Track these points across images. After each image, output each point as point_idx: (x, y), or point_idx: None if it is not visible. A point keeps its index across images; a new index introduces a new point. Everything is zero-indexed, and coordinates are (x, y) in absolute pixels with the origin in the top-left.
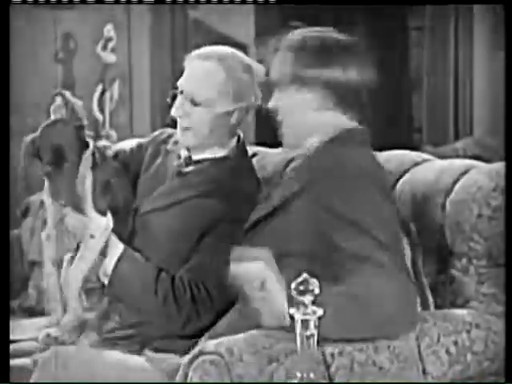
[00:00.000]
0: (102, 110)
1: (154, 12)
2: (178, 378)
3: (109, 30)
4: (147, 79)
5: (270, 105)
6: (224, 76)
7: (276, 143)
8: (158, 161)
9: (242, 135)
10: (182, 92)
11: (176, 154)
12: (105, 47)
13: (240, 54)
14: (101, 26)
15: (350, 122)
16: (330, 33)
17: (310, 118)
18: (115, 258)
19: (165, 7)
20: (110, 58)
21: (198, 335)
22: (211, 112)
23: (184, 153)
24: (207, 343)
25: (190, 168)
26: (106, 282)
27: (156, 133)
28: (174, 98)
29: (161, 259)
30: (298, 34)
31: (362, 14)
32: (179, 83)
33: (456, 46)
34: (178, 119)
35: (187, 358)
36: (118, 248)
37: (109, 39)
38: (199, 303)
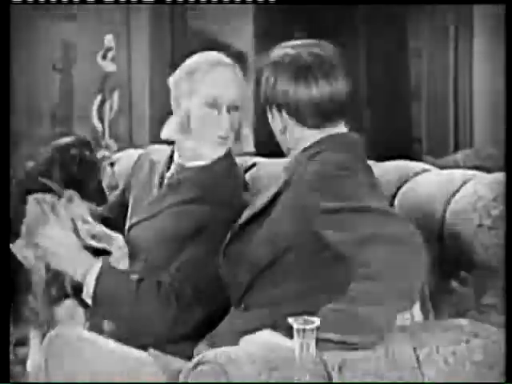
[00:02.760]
0: (101, 120)
1: (154, 21)
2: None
3: (109, 39)
4: (147, 89)
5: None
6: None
7: (275, 153)
8: (144, 172)
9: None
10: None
11: (161, 164)
12: (105, 57)
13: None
14: (101, 35)
15: (321, 134)
16: (306, 47)
17: (284, 138)
18: (94, 276)
19: (164, 16)
20: (109, 67)
21: (188, 336)
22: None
23: (177, 161)
24: (206, 353)
25: (180, 176)
26: (90, 302)
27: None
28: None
29: (150, 267)
30: (272, 53)
31: (361, 16)
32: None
33: (456, 55)
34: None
35: (186, 367)
36: (95, 265)
37: (109, 48)
38: (186, 302)
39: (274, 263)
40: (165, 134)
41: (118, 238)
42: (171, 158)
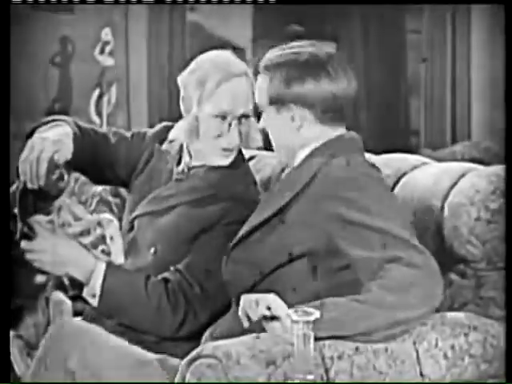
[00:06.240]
0: (99, 114)
1: (152, 15)
2: (176, 381)
3: (106, 33)
4: (145, 82)
5: (260, 127)
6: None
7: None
8: (152, 162)
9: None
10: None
11: (171, 156)
12: (102, 50)
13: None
14: (98, 29)
15: (335, 131)
16: (305, 47)
17: (295, 136)
18: (101, 277)
19: (163, 10)
20: (107, 61)
21: (193, 337)
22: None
23: (186, 159)
24: (205, 346)
25: (191, 172)
26: (96, 302)
27: (156, 129)
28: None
29: (160, 262)
30: (272, 54)
31: (360, 16)
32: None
33: (453, 48)
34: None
35: (185, 360)
36: (100, 266)
37: (106, 42)
38: (193, 302)
39: (282, 268)
40: (173, 134)
41: (104, 216)
42: (180, 150)
